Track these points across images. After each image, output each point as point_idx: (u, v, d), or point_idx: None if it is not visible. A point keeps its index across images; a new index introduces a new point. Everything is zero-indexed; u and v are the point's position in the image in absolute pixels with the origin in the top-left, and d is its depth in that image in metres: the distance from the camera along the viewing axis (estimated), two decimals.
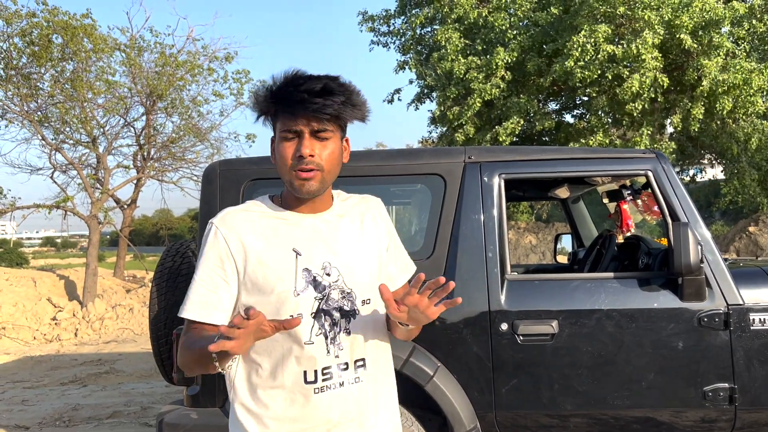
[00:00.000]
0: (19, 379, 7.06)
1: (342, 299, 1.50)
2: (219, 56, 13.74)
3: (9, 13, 11.32)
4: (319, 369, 1.47)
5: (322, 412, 1.47)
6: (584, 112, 15.43)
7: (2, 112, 12.37)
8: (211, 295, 1.47)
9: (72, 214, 12.42)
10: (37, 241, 79.45)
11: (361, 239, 1.59)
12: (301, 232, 1.52)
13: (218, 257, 1.48)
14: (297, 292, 1.46)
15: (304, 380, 1.46)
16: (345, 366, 1.50)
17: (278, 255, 1.48)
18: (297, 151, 1.44)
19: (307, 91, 1.40)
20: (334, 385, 1.48)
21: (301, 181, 1.46)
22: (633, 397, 2.77)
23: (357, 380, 1.51)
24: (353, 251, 1.55)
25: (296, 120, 1.43)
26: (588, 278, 2.88)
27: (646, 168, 2.92)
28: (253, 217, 1.53)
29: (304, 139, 1.44)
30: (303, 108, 1.41)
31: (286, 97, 1.43)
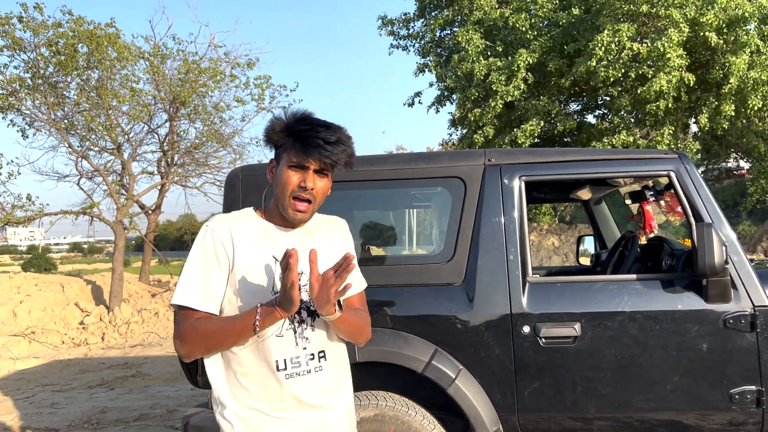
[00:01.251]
0: (48, 383, 7.19)
1: (309, 300, 1.75)
2: (241, 62, 13.87)
3: (36, 24, 11.54)
4: (288, 358, 1.74)
5: (294, 393, 1.75)
6: (606, 112, 15.28)
7: (30, 120, 12.62)
8: (208, 285, 1.73)
9: (98, 220, 12.62)
10: (65, 246, 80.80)
11: (329, 251, 1.86)
12: (279, 243, 1.80)
13: (214, 254, 1.74)
14: (273, 293, 1.73)
15: (276, 367, 1.73)
16: (312, 356, 1.78)
17: (261, 260, 1.76)
18: (301, 181, 1.73)
19: (324, 140, 1.70)
20: (302, 371, 1.76)
21: (296, 211, 1.75)
22: (658, 399, 2.74)
23: (319, 369, 1.79)
24: (322, 261, 1.77)
25: (308, 159, 1.71)
26: (611, 280, 2.86)
27: (669, 168, 2.89)
28: (242, 224, 1.80)
29: (309, 174, 1.73)
30: (318, 153, 1.70)
31: (305, 139, 1.71)
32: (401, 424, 2.72)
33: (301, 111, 1.79)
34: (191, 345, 1.72)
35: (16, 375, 7.74)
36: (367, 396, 2.81)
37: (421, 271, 2.92)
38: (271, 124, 1.79)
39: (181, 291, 1.73)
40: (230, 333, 1.69)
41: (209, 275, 1.74)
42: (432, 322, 2.80)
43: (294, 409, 1.76)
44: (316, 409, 1.78)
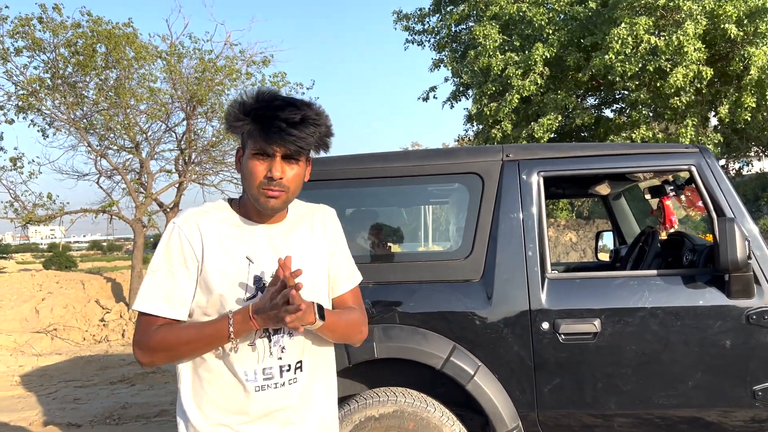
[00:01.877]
0: (70, 379, 7.29)
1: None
2: (256, 60, 13.92)
3: (55, 25, 11.67)
4: (259, 368, 1.57)
5: (261, 407, 1.57)
6: (624, 106, 15.14)
7: (50, 120, 12.76)
8: (173, 289, 1.55)
9: (117, 218, 12.75)
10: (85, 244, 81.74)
11: (311, 248, 1.68)
12: (255, 241, 1.61)
13: (181, 255, 1.56)
14: (247, 297, 1.56)
15: (245, 377, 1.56)
16: (287, 367, 1.60)
17: (232, 261, 1.57)
18: (268, 171, 1.51)
19: (286, 120, 1.47)
20: (274, 384, 1.58)
21: (267, 198, 1.54)
22: (679, 396, 2.71)
23: (294, 381, 1.61)
24: (304, 262, 1.62)
25: (271, 145, 1.49)
26: (631, 276, 2.83)
27: (690, 163, 2.86)
28: (213, 220, 1.61)
29: (276, 162, 1.51)
30: (280, 137, 1.47)
31: (264, 122, 1.48)
32: (420, 420, 2.72)
33: (262, 90, 1.56)
34: (153, 354, 1.54)
35: (39, 371, 7.85)
36: (386, 392, 2.81)
37: (439, 268, 2.92)
38: (229, 109, 1.57)
39: (144, 295, 1.55)
40: (198, 343, 1.53)
41: (175, 278, 1.55)
42: (450, 318, 2.80)
43: (261, 424, 1.58)
44: (285, 425, 1.61)
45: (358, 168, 3.03)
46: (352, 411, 2.76)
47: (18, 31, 11.57)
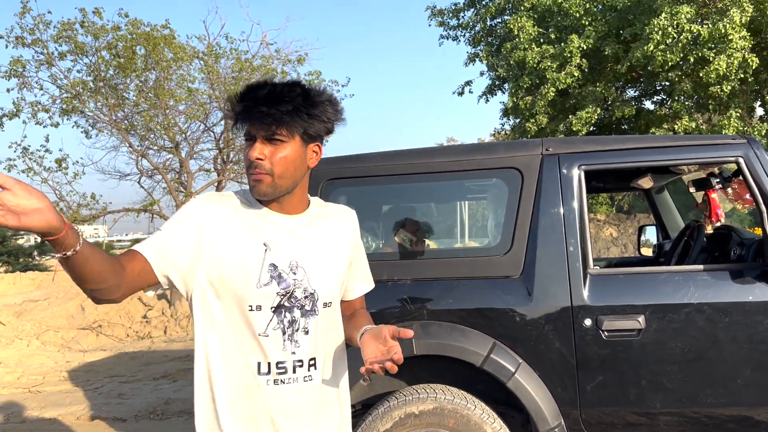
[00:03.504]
0: (115, 374, 7.47)
1: (304, 298, 1.55)
2: (291, 59, 14.02)
3: (96, 28, 11.95)
4: (273, 362, 1.52)
5: (273, 403, 1.52)
6: (665, 97, 14.79)
7: (93, 122, 13.08)
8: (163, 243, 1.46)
9: (158, 216, 13.00)
10: (127, 243, 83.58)
11: (332, 245, 1.64)
12: (273, 229, 1.56)
13: (189, 216, 1.50)
14: (260, 285, 1.50)
15: (257, 371, 1.51)
16: (300, 363, 1.55)
17: (248, 245, 1.51)
18: (249, 154, 1.49)
19: (254, 98, 1.45)
20: (288, 379, 1.53)
21: (253, 182, 1.51)
22: (727, 394, 2.64)
23: (308, 378, 1.56)
24: (322, 255, 1.60)
25: (244, 124, 1.48)
26: (676, 271, 2.76)
27: (737, 154, 2.77)
28: (235, 203, 1.57)
29: (256, 143, 1.48)
30: (249, 115, 1.45)
31: (240, 103, 1.48)
32: (460, 418, 2.71)
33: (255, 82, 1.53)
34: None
35: (85, 367, 8.06)
36: (425, 389, 2.80)
37: (477, 264, 2.89)
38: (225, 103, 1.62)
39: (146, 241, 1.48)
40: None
41: (171, 232, 1.47)
42: (490, 315, 2.77)
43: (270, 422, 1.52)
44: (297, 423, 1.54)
45: (395, 164, 3.02)
46: (391, 408, 2.75)
47: (61, 35, 11.88)
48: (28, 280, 13.92)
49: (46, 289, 12.82)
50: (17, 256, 23.29)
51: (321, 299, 1.58)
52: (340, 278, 1.66)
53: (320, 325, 1.58)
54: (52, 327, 10.53)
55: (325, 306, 1.60)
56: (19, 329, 10.30)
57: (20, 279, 14.04)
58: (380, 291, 1.68)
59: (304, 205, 1.64)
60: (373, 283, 1.82)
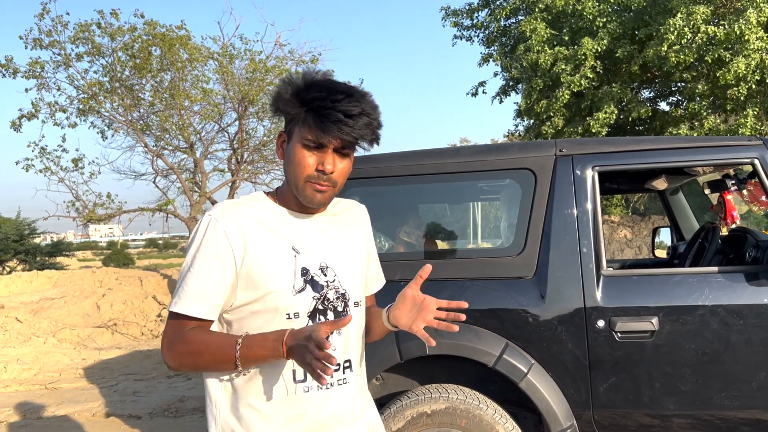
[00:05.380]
0: (130, 372, 7.54)
1: (336, 299, 1.52)
2: (305, 60, 14.07)
3: (113, 30, 12.07)
4: None
5: (312, 411, 1.47)
6: (680, 99, 14.67)
7: (109, 122, 13.22)
8: (208, 288, 1.43)
9: (173, 216, 13.11)
10: (141, 242, 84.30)
11: (352, 242, 1.62)
12: (298, 231, 1.51)
13: (217, 250, 1.43)
14: (295, 291, 1.46)
15: (293, 378, 1.46)
16: (337, 367, 1.51)
17: (277, 252, 1.46)
18: (319, 164, 1.43)
19: (345, 112, 1.37)
20: (324, 385, 1.48)
21: (314, 192, 1.46)
22: (742, 397, 2.62)
23: (344, 381, 1.53)
24: (349, 253, 1.59)
25: (327, 137, 1.40)
26: (690, 273, 2.75)
27: (753, 156, 2.75)
28: (252, 212, 1.49)
29: (328, 155, 1.43)
30: (338, 129, 1.38)
31: (320, 111, 1.38)
32: (473, 418, 2.71)
33: (316, 73, 1.46)
34: (180, 359, 1.43)
35: (101, 364, 8.14)
36: (438, 389, 2.81)
37: (490, 265, 2.89)
38: (279, 91, 1.46)
39: (176, 295, 1.44)
40: (213, 361, 1.40)
41: (211, 276, 1.43)
42: (503, 315, 2.77)
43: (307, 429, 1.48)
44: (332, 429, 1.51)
45: (408, 165, 3.03)
46: (404, 407, 2.76)
47: (79, 37, 12.01)
48: (44, 278, 14.07)
49: (62, 287, 12.96)
50: (35, 255, 23.57)
51: (352, 299, 1.56)
52: (363, 276, 1.64)
53: (352, 325, 1.55)
54: (68, 325, 10.64)
55: (356, 305, 1.57)
56: (35, 327, 10.42)
57: (37, 277, 14.20)
58: (393, 291, 1.68)
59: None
60: (384, 280, 1.80)
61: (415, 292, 1.50)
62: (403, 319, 1.51)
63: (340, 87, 1.42)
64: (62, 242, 28.93)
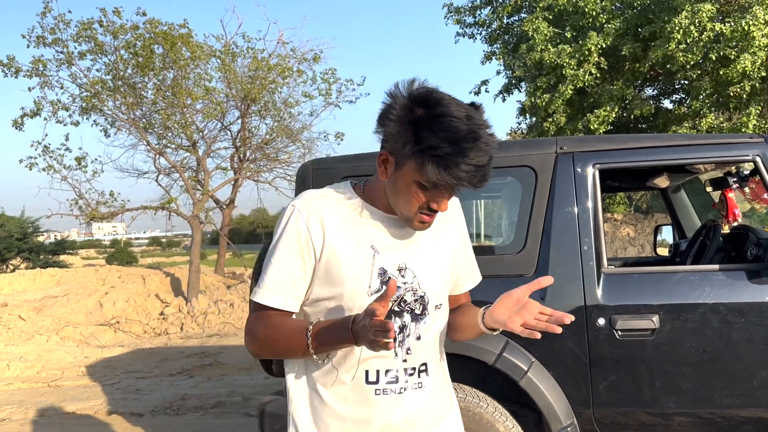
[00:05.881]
0: (132, 370, 7.56)
1: (414, 302, 1.47)
2: (307, 58, 14.07)
3: (115, 27, 12.08)
4: (382, 370, 1.44)
5: (383, 414, 1.44)
6: (684, 96, 14.63)
7: (112, 120, 13.25)
8: (288, 281, 1.43)
9: (176, 214, 13.12)
10: (145, 241, 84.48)
11: (438, 243, 1.54)
12: (380, 230, 1.46)
13: (298, 242, 1.42)
14: (371, 292, 1.42)
15: (366, 380, 1.44)
16: (412, 371, 1.47)
17: (356, 250, 1.43)
18: (432, 203, 1.36)
19: (477, 165, 1.27)
20: (398, 389, 1.45)
21: (420, 223, 1.42)
22: (744, 396, 2.61)
23: (419, 386, 1.49)
24: (430, 255, 1.52)
25: (457, 185, 1.30)
26: (691, 271, 2.74)
27: (754, 153, 2.74)
28: (336, 205, 1.46)
29: (444, 198, 1.37)
30: (468, 180, 1.28)
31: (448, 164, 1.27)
32: (473, 416, 2.71)
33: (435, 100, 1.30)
34: (259, 345, 1.46)
35: (103, 362, 8.17)
36: None
37: (491, 262, 2.88)
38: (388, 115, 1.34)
39: (259, 285, 1.45)
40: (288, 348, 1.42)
41: (289, 267, 1.43)
42: None
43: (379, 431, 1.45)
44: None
45: None
46: None
47: (81, 35, 12.03)
48: (48, 277, 14.11)
49: (65, 285, 12.99)
50: (38, 253, 23.64)
51: (431, 302, 1.50)
52: (448, 277, 1.57)
53: (431, 329, 1.50)
54: (71, 323, 10.67)
55: (437, 308, 1.52)
56: (38, 325, 10.44)
57: (40, 275, 14.23)
58: None
59: None
60: (480, 276, 1.70)
61: (523, 295, 1.42)
62: (502, 316, 1.43)
63: (467, 128, 1.26)
64: (66, 240, 29.01)
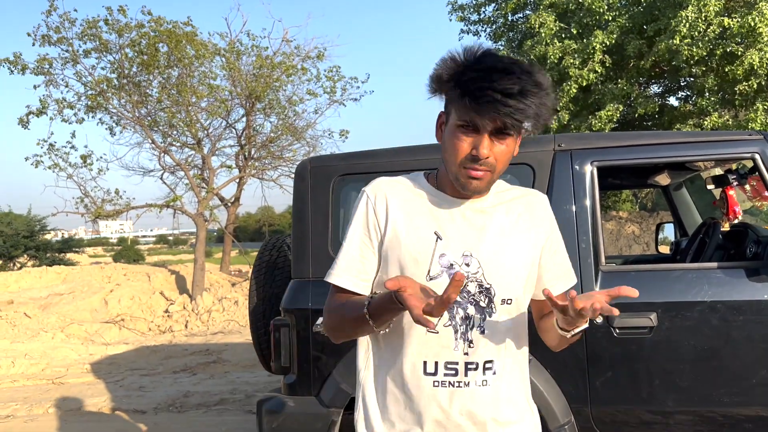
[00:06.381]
0: (136, 367, 7.59)
1: (479, 293, 1.41)
2: (312, 56, 14.08)
3: (120, 26, 12.12)
4: (441, 361, 1.40)
5: (439, 407, 1.41)
6: (689, 94, 14.55)
7: (117, 118, 13.30)
8: (357, 263, 1.46)
9: (180, 212, 13.17)
10: (152, 238, 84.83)
11: (513, 235, 1.47)
12: (446, 216, 1.44)
13: (366, 226, 1.47)
14: (430, 276, 1.39)
15: (424, 370, 1.41)
16: (474, 366, 1.41)
17: (418, 234, 1.42)
18: (473, 148, 1.34)
19: (503, 92, 1.27)
20: (457, 382, 1.41)
21: (469, 179, 1.37)
22: (743, 394, 2.60)
23: (484, 383, 1.42)
24: (500, 246, 1.45)
25: (482, 117, 1.30)
26: (689, 268, 2.73)
27: (753, 150, 2.72)
28: (403, 190, 1.49)
29: (484, 138, 1.33)
30: (494, 109, 1.28)
31: (475, 91, 1.29)
32: None
33: (477, 49, 1.37)
34: (330, 323, 1.49)
35: (108, 359, 8.21)
36: None
37: None
38: (438, 69, 1.39)
39: (333, 266, 1.49)
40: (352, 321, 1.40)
41: (359, 249, 1.47)
42: None
43: (436, 425, 1.42)
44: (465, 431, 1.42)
45: (406, 160, 3.02)
46: None
47: (86, 33, 12.07)
48: (54, 274, 14.18)
49: (71, 283, 13.06)
50: (45, 251, 23.77)
51: (499, 295, 1.43)
52: (523, 272, 1.47)
53: (499, 324, 1.43)
54: (76, 320, 10.72)
55: (504, 302, 1.44)
56: (44, 322, 10.51)
57: (46, 273, 14.31)
58: None
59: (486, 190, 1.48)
60: (574, 278, 1.61)
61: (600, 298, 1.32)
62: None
63: (500, 64, 1.32)
64: (72, 238, 29.14)
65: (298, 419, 2.87)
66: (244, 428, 4.98)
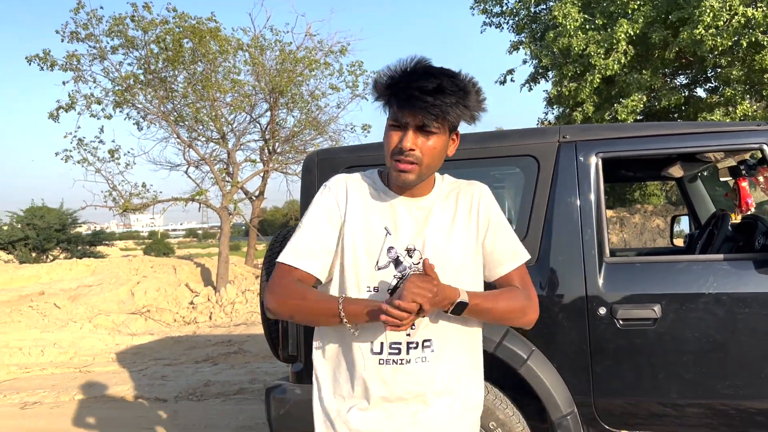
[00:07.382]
0: (160, 357, 7.75)
1: None
2: (334, 50, 14.12)
3: (146, 23, 12.30)
4: (386, 342, 1.56)
5: (384, 383, 1.56)
6: (716, 84, 14.27)
7: (144, 113, 13.51)
8: (317, 247, 1.58)
9: (205, 206, 13.34)
10: (182, 232, 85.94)
11: (453, 226, 1.62)
12: (394, 213, 1.60)
13: (326, 210, 1.60)
14: (378, 267, 1.56)
15: (371, 350, 1.56)
16: (415, 345, 1.56)
17: (370, 229, 1.58)
18: (399, 142, 1.50)
19: (419, 88, 1.43)
20: (400, 360, 1.56)
21: (398, 172, 1.53)
22: (747, 386, 2.58)
23: (423, 360, 1.57)
24: (441, 238, 1.60)
25: (403, 113, 1.47)
26: (695, 260, 2.71)
27: (761, 141, 2.69)
28: (361, 187, 1.63)
29: (408, 132, 1.49)
30: (411, 105, 1.44)
31: (399, 91, 1.46)
32: None
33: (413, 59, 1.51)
34: (279, 304, 1.56)
35: (133, 349, 8.39)
36: None
37: None
38: (375, 80, 1.55)
39: (287, 247, 1.59)
40: (314, 313, 1.54)
41: (317, 233, 1.58)
42: None
43: (382, 399, 1.57)
44: (407, 402, 1.57)
45: None
46: None
47: (113, 30, 12.28)
48: (83, 266, 14.51)
49: (100, 275, 13.35)
50: (76, 244, 24.28)
51: None
52: (462, 260, 1.61)
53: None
54: (104, 311, 10.97)
55: None
56: (73, 313, 10.77)
57: (76, 265, 14.65)
58: None
59: (429, 188, 1.65)
60: (525, 256, 1.72)
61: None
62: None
63: (423, 68, 1.48)
64: (103, 231, 29.70)
65: (304, 406, 2.92)
66: (260, 417, 5.07)
